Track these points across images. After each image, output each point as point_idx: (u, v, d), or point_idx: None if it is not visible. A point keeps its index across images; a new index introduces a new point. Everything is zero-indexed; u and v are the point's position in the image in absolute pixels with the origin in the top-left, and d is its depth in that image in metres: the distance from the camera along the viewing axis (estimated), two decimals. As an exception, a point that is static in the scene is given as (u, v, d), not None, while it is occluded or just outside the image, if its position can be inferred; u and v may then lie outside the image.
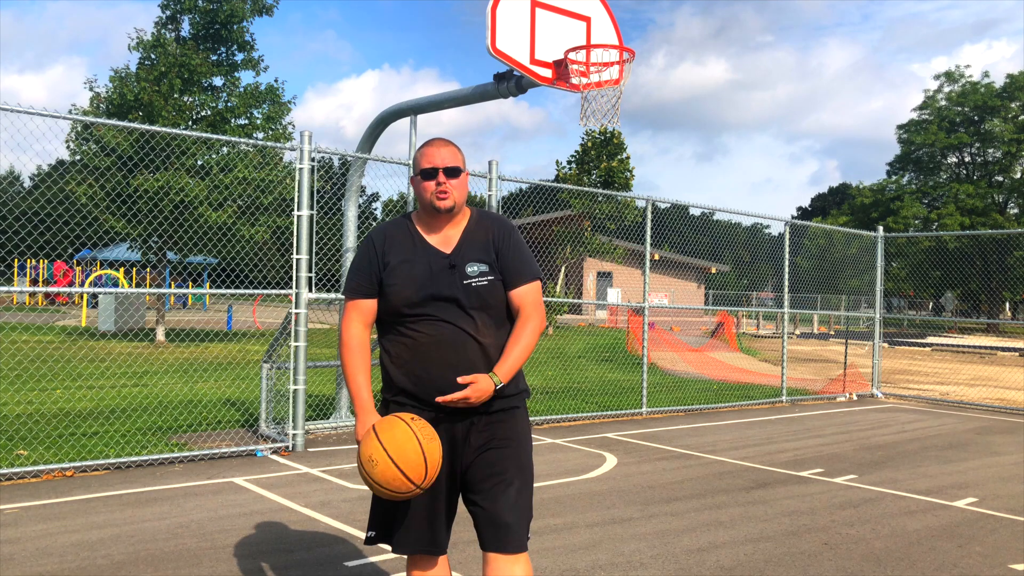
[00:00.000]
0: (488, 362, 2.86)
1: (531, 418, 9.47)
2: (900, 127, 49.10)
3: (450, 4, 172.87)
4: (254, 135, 19.48)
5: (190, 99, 18.99)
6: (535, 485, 6.06)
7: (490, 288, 2.88)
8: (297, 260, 7.51)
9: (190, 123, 18.99)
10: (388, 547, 2.95)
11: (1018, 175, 45.90)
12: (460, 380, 2.78)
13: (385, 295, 2.90)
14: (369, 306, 2.94)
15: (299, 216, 7.52)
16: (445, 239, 2.94)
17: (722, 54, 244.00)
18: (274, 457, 7.23)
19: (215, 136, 7.57)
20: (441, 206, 2.89)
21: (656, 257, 35.33)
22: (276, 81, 19.79)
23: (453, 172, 2.91)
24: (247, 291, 8.77)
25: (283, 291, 7.78)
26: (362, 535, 4.99)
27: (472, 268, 2.87)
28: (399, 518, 2.89)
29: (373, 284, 2.92)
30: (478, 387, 2.77)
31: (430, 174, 2.90)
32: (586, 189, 11.09)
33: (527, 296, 2.94)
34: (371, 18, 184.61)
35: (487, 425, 2.88)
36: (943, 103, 46.69)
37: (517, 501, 2.86)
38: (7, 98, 6.65)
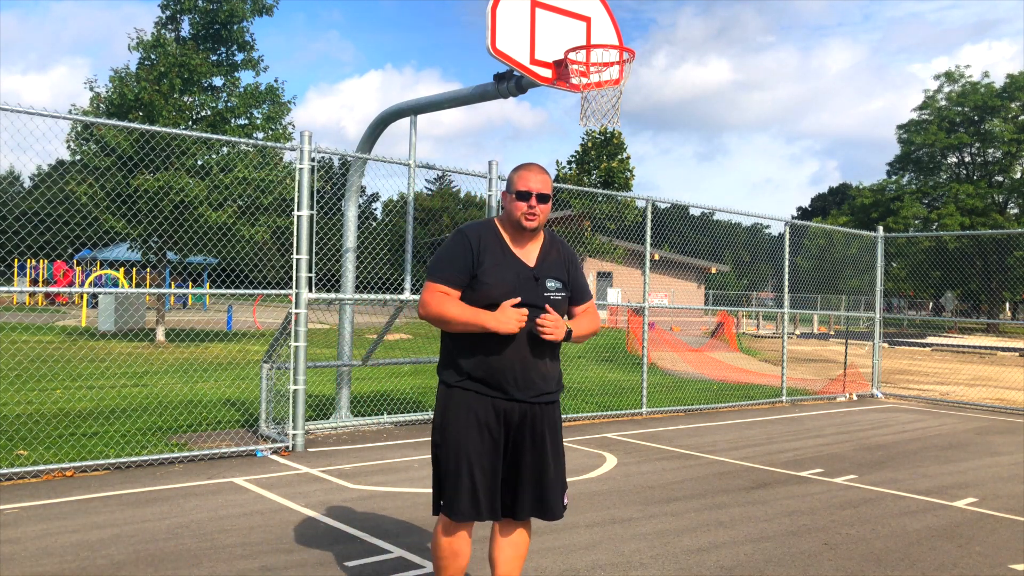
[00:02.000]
0: (550, 360, 3.40)
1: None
2: (900, 127, 49.14)
3: (452, 4, 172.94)
4: (254, 135, 19.47)
5: (190, 99, 18.99)
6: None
7: (562, 302, 3.42)
8: (297, 260, 7.51)
9: (190, 123, 18.99)
10: (450, 519, 3.32)
11: (1018, 175, 45.91)
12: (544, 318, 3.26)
13: (475, 291, 3.29)
14: (455, 296, 3.31)
15: (299, 216, 7.52)
16: (526, 252, 3.40)
17: (723, 54, 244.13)
18: (274, 457, 7.23)
19: (215, 136, 7.57)
20: (528, 226, 3.34)
21: (656, 257, 35.32)
22: (276, 81, 19.80)
23: (544, 199, 3.36)
24: (247, 291, 8.77)
25: (283, 291, 7.78)
26: (362, 535, 5.00)
27: (552, 283, 3.38)
28: (468, 489, 3.27)
29: (464, 278, 3.30)
30: (560, 323, 3.29)
31: (524, 196, 3.33)
32: (586, 189, 11.09)
33: (588, 307, 3.57)
34: (374, 18, 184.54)
35: (538, 411, 3.36)
36: (943, 103, 46.69)
37: (560, 480, 3.42)
38: (10, 99, 6.63)
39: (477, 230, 3.35)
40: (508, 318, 3.20)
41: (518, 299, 3.24)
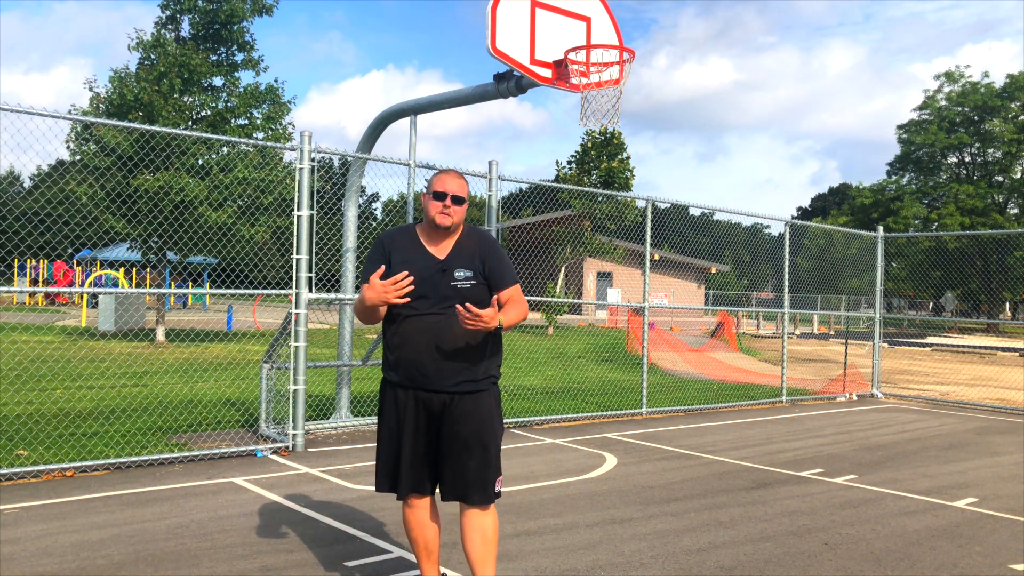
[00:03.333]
0: (466, 349, 3.51)
1: (531, 418, 9.48)
2: (900, 127, 49.13)
3: (454, 4, 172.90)
4: (254, 135, 19.46)
5: (190, 99, 18.98)
6: (536, 485, 6.01)
7: (472, 290, 3.53)
8: (297, 260, 7.51)
9: (190, 123, 18.98)
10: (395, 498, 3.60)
11: (1018, 175, 45.91)
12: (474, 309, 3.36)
13: None
14: None
15: (299, 216, 7.52)
16: (440, 248, 3.60)
17: (724, 55, 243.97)
18: (274, 457, 7.23)
19: (215, 136, 7.56)
20: (442, 223, 3.56)
21: (656, 257, 35.32)
22: (276, 81, 19.79)
23: (458, 200, 3.58)
24: (247, 291, 8.77)
25: (283, 291, 7.78)
26: (362, 535, 5.00)
27: (460, 272, 3.54)
28: (395, 469, 3.58)
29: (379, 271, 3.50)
30: (488, 314, 3.35)
31: (440, 196, 3.56)
32: (586, 189, 11.09)
33: (512, 293, 3.65)
34: (375, 19, 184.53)
35: (457, 400, 3.52)
36: (943, 103, 46.69)
37: (474, 468, 3.53)
38: (12, 99, 6.64)
39: (392, 233, 3.66)
40: (372, 286, 3.38)
41: (403, 274, 3.41)
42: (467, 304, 3.33)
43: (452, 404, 3.53)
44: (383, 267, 3.51)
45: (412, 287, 3.44)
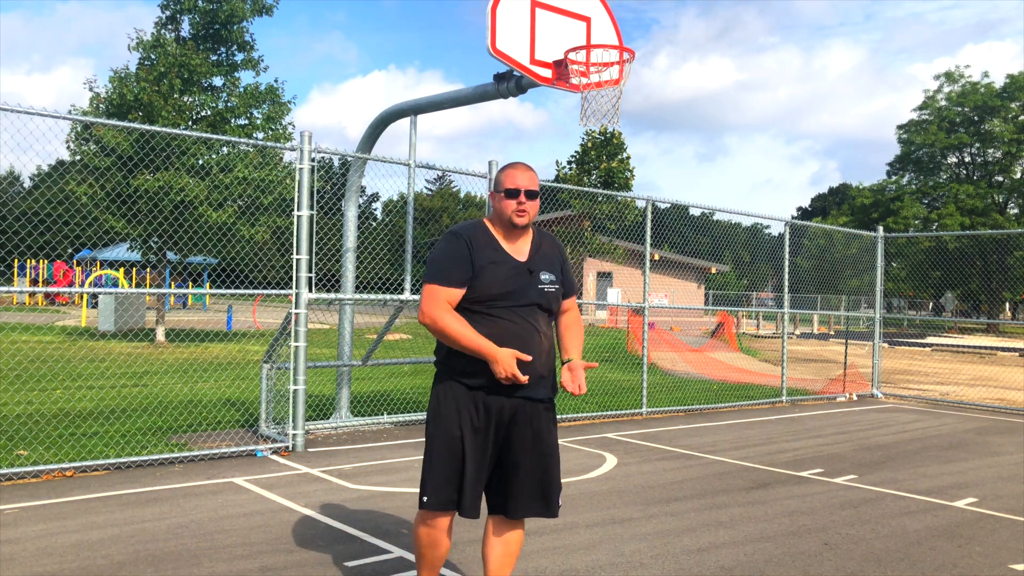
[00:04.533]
0: (547, 350, 3.44)
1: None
2: (900, 127, 49.14)
3: (455, 5, 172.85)
4: (254, 135, 19.46)
5: (190, 99, 18.98)
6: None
7: (556, 294, 3.48)
8: (297, 260, 7.51)
9: (190, 123, 18.98)
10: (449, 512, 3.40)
11: (1018, 175, 45.91)
12: (569, 379, 3.49)
13: (472, 289, 3.34)
14: (456, 295, 3.34)
15: (299, 216, 7.52)
16: (517, 248, 3.46)
17: (725, 55, 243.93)
18: (274, 457, 7.23)
19: (215, 136, 7.56)
20: (520, 222, 3.41)
21: (656, 257, 35.30)
22: (276, 81, 19.79)
23: (533, 195, 3.43)
24: (247, 291, 8.77)
25: (283, 291, 7.78)
26: (362, 535, 5.00)
27: (545, 275, 3.45)
28: (450, 481, 3.34)
29: (467, 276, 3.33)
30: (578, 375, 3.50)
31: (514, 193, 3.40)
32: (586, 189, 11.09)
33: (574, 302, 3.69)
34: (377, 20, 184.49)
35: (531, 410, 3.41)
36: (943, 103, 46.69)
37: (554, 478, 3.52)
38: (14, 100, 6.64)
39: (469, 230, 3.41)
40: (506, 365, 3.25)
41: (529, 358, 3.31)
42: (579, 386, 3.42)
43: (526, 412, 3.38)
44: (529, 358, 3.31)
45: (501, 289, 3.33)
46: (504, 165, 3.51)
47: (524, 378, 3.26)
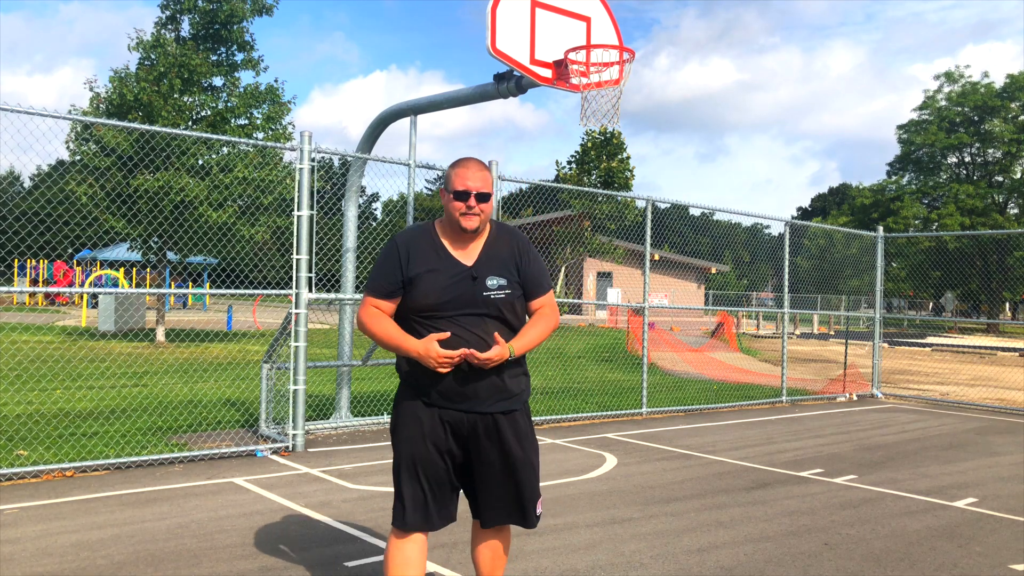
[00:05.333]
0: (500, 369, 3.14)
1: (531, 418, 9.46)
2: (900, 127, 49.17)
3: (456, 5, 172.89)
4: (254, 135, 19.46)
5: (190, 99, 18.98)
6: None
7: (507, 301, 3.15)
8: (297, 260, 7.51)
9: (190, 123, 18.98)
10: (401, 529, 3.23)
11: (1018, 175, 45.92)
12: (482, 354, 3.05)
13: (408, 300, 3.15)
14: (388, 307, 3.18)
15: (299, 216, 7.52)
16: (467, 251, 3.19)
17: (725, 55, 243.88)
18: (274, 457, 7.23)
19: (215, 136, 7.57)
20: (468, 227, 3.14)
21: (656, 257, 35.32)
22: (276, 81, 19.80)
23: (484, 198, 3.15)
24: (247, 291, 8.77)
25: (283, 291, 7.78)
26: (363, 535, 5.00)
27: (492, 281, 3.14)
28: (417, 500, 3.18)
29: (395, 287, 3.15)
30: (497, 354, 3.05)
31: (463, 195, 3.13)
32: (586, 189, 11.09)
33: (544, 302, 3.30)
34: (378, 20, 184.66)
35: (492, 423, 3.17)
36: (943, 103, 46.71)
37: (527, 489, 3.24)
38: (16, 100, 6.64)
39: (408, 235, 3.21)
40: (429, 354, 3.02)
41: (447, 334, 3.05)
42: (471, 351, 3.00)
43: (487, 426, 3.16)
44: (447, 335, 3.05)
45: (439, 299, 3.09)
46: (454, 161, 3.23)
47: (456, 354, 3.00)
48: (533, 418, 9.40)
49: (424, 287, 3.09)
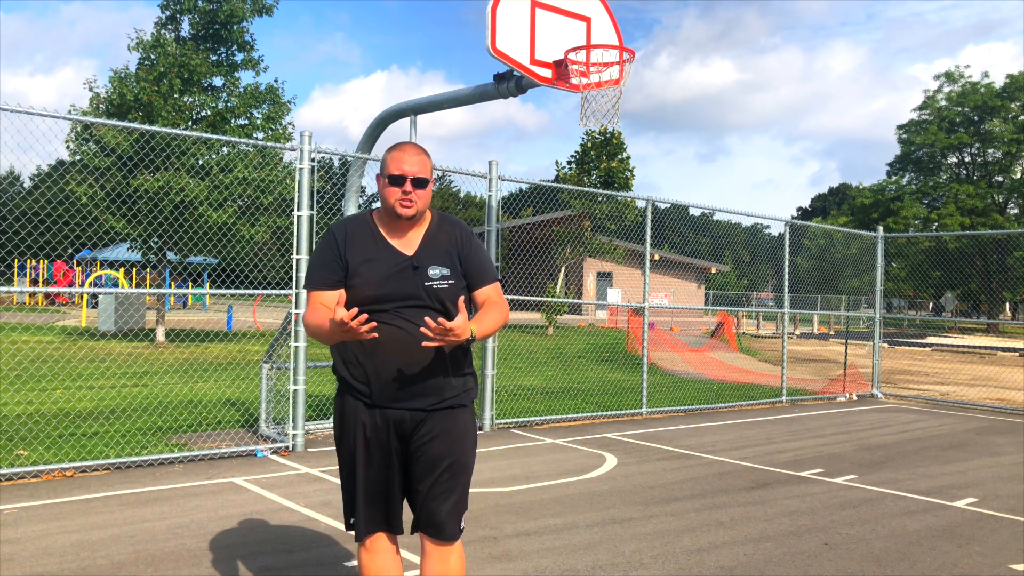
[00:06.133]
0: (444, 363, 2.97)
1: (531, 418, 9.47)
2: (900, 127, 49.16)
3: (458, 5, 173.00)
4: (254, 135, 19.47)
5: (190, 99, 18.98)
6: (536, 485, 6.01)
7: (450, 291, 2.98)
8: (297, 260, 7.51)
9: (190, 123, 18.98)
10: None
11: (1018, 175, 45.92)
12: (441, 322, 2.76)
13: (348, 293, 2.97)
14: (327, 297, 2.98)
15: (299, 216, 7.53)
16: (407, 241, 3.02)
17: (726, 55, 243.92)
18: (274, 457, 7.23)
19: (215, 136, 7.57)
20: (404, 214, 2.96)
21: (656, 257, 35.32)
22: (276, 81, 19.80)
23: (421, 183, 2.96)
24: (247, 291, 8.77)
25: (283, 291, 7.78)
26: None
27: (435, 271, 2.97)
28: (362, 504, 3.02)
29: (333, 278, 2.99)
30: (459, 325, 2.76)
31: (398, 180, 2.95)
32: (586, 189, 11.09)
33: (491, 292, 3.10)
34: (380, 21, 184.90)
35: (430, 420, 2.99)
36: (943, 103, 46.71)
37: (451, 498, 3.01)
38: (17, 100, 6.64)
39: (345, 225, 3.04)
40: (333, 319, 2.73)
41: (353, 311, 2.73)
42: (439, 319, 2.74)
43: (427, 423, 2.98)
44: (342, 293, 2.94)
45: (377, 290, 2.92)
46: (392, 146, 3.04)
47: (349, 315, 2.67)
48: (533, 418, 9.44)
49: (363, 277, 2.93)
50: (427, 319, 2.76)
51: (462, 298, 3.05)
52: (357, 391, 3.00)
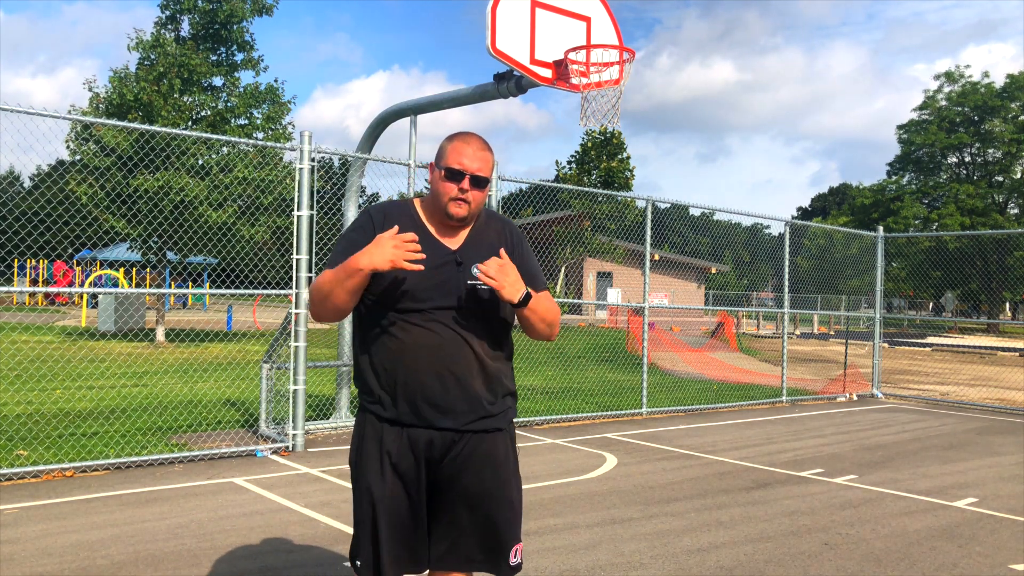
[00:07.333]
0: (483, 375, 2.60)
1: (531, 418, 9.46)
2: (900, 127, 49.15)
3: (459, 6, 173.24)
4: (254, 135, 19.47)
5: (190, 99, 18.98)
6: (536, 485, 6.00)
7: (495, 293, 2.56)
8: (297, 260, 7.51)
9: (190, 123, 18.98)
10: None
11: (1018, 175, 45.92)
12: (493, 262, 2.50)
13: (375, 288, 2.56)
14: None
15: (299, 216, 7.52)
16: (452, 234, 2.66)
17: (726, 56, 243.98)
18: (274, 457, 7.23)
19: (215, 136, 7.57)
20: (456, 214, 2.59)
21: (656, 257, 35.32)
22: (276, 81, 19.81)
23: (480, 183, 2.58)
24: (247, 291, 8.77)
25: (283, 291, 7.78)
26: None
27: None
28: (381, 543, 2.58)
29: None
30: (510, 272, 2.51)
31: (456, 175, 2.56)
32: (586, 189, 11.09)
33: (543, 298, 2.73)
34: (381, 21, 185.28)
35: (470, 442, 2.61)
36: (943, 103, 46.71)
37: (505, 527, 2.65)
38: (18, 100, 6.64)
39: (384, 209, 2.65)
40: (382, 247, 2.43)
41: (411, 235, 2.46)
42: (499, 250, 2.45)
43: (463, 446, 2.60)
44: (396, 228, 2.52)
45: (415, 286, 2.53)
46: (454, 134, 2.64)
47: (391, 251, 2.43)
48: (533, 418, 9.43)
49: (399, 271, 2.51)
50: (479, 266, 2.47)
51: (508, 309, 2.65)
52: (380, 404, 2.60)
